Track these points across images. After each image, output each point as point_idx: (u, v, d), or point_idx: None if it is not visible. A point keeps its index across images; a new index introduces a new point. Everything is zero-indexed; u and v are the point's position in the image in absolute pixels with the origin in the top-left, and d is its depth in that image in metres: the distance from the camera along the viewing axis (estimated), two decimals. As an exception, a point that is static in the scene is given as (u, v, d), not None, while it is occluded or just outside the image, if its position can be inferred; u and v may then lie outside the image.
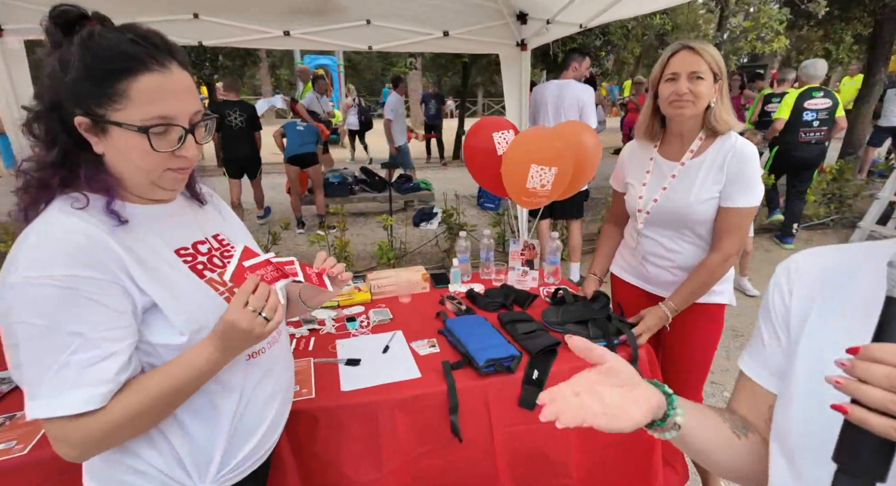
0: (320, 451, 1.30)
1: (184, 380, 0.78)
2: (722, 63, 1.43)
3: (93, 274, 0.72)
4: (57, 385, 0.70)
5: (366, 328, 1.73)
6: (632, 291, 1.73)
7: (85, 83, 0.72)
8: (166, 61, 0.75)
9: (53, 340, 0.70)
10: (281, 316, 0.81)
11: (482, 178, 2.15)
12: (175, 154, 0.78)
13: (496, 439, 1.41)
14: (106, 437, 0.75)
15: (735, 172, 1.43)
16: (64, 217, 0.74)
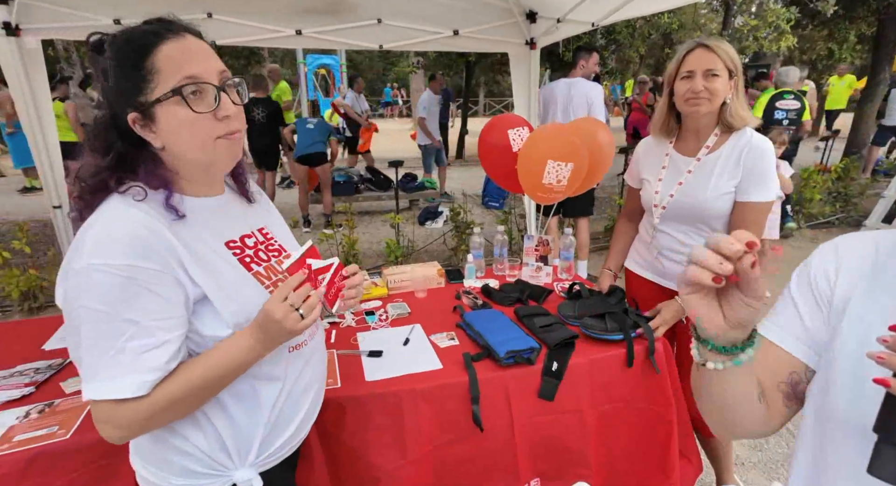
0: (347, 439, 1.33)
1: (224, 369, 0.81)
2: (737, 60, 1.45)
3: (150, 265, 0.75)
4: (112, 369, 0.74)
5: (385, 322, 1.76)
6: (647, 285, 1.76)
7: (122, 76, 0.77)
8: (180, 31, 0.80)
9: (111, 325, 0.73)
10: (316, 315, 0.83)
11: (497, 174, 2.18)
12: (217, 117, 0.80)
13: (516, 429, 1.44)
14: (149, 420, 0.78)
15: (751, 167, 1.45)
16: (126, 209, 0.78)
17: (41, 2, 2.57)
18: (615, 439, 1.55)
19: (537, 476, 1.50)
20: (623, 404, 1.54)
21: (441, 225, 5.75)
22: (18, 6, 2.52)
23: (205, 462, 0.88)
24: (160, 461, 0.88)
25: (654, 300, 1.66)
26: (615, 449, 1.55)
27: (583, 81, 3.64)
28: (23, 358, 1.48)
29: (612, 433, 1.54)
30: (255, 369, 0.88)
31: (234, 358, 0.81)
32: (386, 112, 23.52)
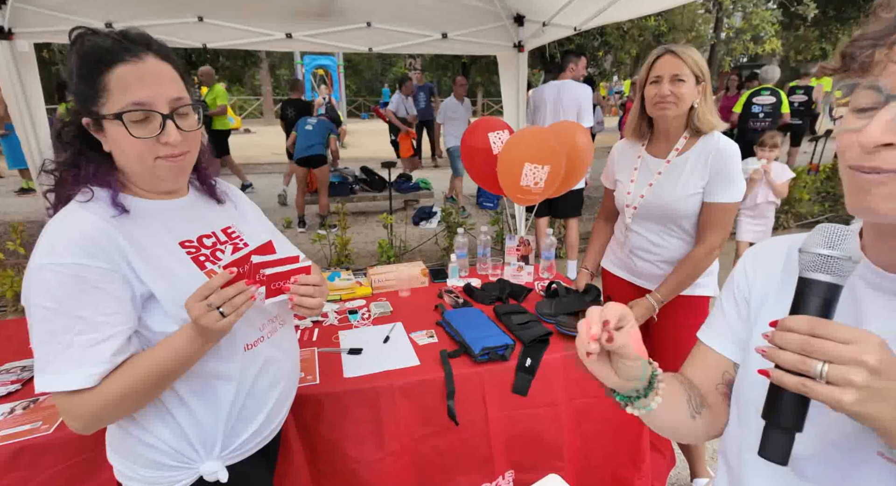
0: (325, 432, 1.37)
1: (167, 360, 0.83)
2: (704, 66, 1.50)
3: (98, 263, 0.80)
4: (60, 363, 0.78)
5: (367, 320, 1.81)
6: (621, 284, 1.81)
7: (80, 85, 0.83)
8: (141, 53, 0.82)
9: (59, 321, 0.78)
10: (240, 314, 0.82)
11: (479, 176, 2.22)
12: (160, 141, 0.83)
13: (491, 422, 1.49)
14: (101, 411, 0.81)
15: (718, 169, 1.50)
16: (77, 210, 0.83)
17: (33, 6, 2.61)
18: (588, 432, 1.59)
19: (512, 468, 1.54)
20: (595, 398, 1.59)
21: (435, 225, 5.80)
22: (11, 10, 2.57)
23: (171, 455, 0.92)
24: (130, 453, 0.92)
25: (628, 298, 1.70)
26: (588, 442, 1.60)
27: (572, 82, 3.70)
28: (10, 357, 1.53)
29: (584, 427, 1.59)
30: (210, 367, 0.92)
31: (177, 350, 0.83)
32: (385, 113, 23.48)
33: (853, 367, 0.44)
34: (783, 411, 0.51)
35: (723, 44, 7.92)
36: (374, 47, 3.38)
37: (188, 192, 1.01)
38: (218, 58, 8.28)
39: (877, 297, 0.57)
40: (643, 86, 1.56)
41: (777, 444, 0.51)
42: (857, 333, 0.46)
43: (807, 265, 0.52)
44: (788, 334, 0.49)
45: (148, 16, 2.85)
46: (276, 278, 0.93)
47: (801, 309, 0.51)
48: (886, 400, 0.44)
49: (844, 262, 0.50)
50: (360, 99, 24.11)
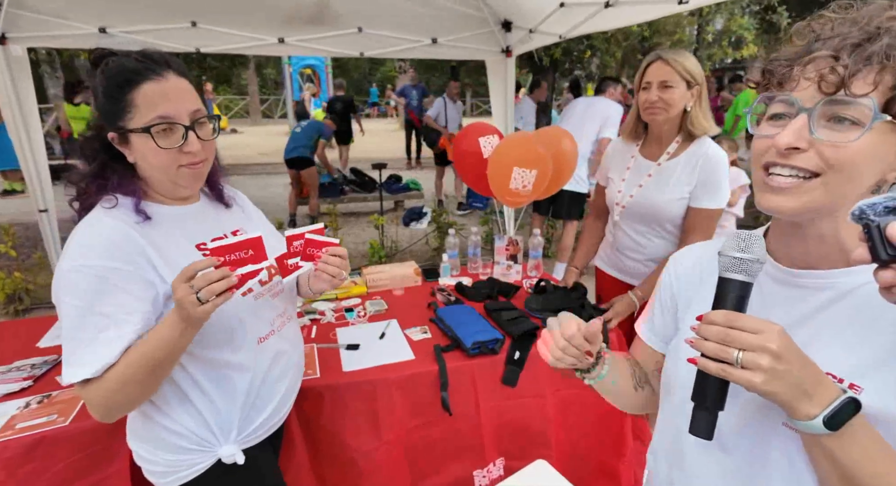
0: (326, 423, 1.45)
1: (155, 348, 0.85)
2: (696, 71, 1.54)
3: (122, 266, 0.87)
4: (84, 356, 0.85)
5: (363, 318, 1.89)
6: (612, 282, 1.90)
7: (107, 103, 0.91)
8: (163, 71, 0.90)
9: (87, 319, 0.85)
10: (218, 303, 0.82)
11: (470, 179, 2.31)
12: (182, 150, 0.91)
13: (482, 413, 1.58)
14: (108, 400, 0.87)
15: (705, 176, 1.57)
16: (103, 216, 0.91)
17: (28, 11, 2.63)
18: (574, 421, 1.69)
19: (501, 456, 1.64)
20: (581, 389, 1.68)
21: (425, 226, 5.87)
22: (5, 15, 2.59)
23: (192, 439, 0.99)
24: (153, 438, 0.99)
25: (615, 294, 1.81)
26: (574, 430, 1.70)
27: (605, 99, 3.88)
28: (18, 355, 1.58)
29: (570, 416, 1.69)
30: (228, 359, 1.00)
31: (162, 337, 0.85)
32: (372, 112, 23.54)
33: (760, 353, 0.53)
34: (708, 393, 0.60)
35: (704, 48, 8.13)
36: (365, 52, 3.46)
37: (200, 198, 1.09)
38: (206, 59, 8.24)
39: (777, 289, 0.67)
40: (637, 91, 1.63)
41: (704, 422, 0.60)
42: (762, 323, 0.55)
43: (725, 266, 0.61)
44: (711, 326, 0.57)
45: (141, 21, 2.89)
46: (312, 245, 1.04)
47: (720, 304, 0.60)
48: (785, 379, 0.53)
49: (753, 263, 0.59)
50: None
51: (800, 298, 0.65)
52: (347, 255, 1.10)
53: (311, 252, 1.07)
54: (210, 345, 0.98)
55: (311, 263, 1.08)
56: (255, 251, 0.89)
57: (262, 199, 7.16)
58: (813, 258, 0.64)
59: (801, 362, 0.54)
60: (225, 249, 0.86)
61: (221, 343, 1.00)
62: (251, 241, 0.89)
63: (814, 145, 0.57)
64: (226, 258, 0.86)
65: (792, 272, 0.66)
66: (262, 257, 0.90)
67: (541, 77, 7.09)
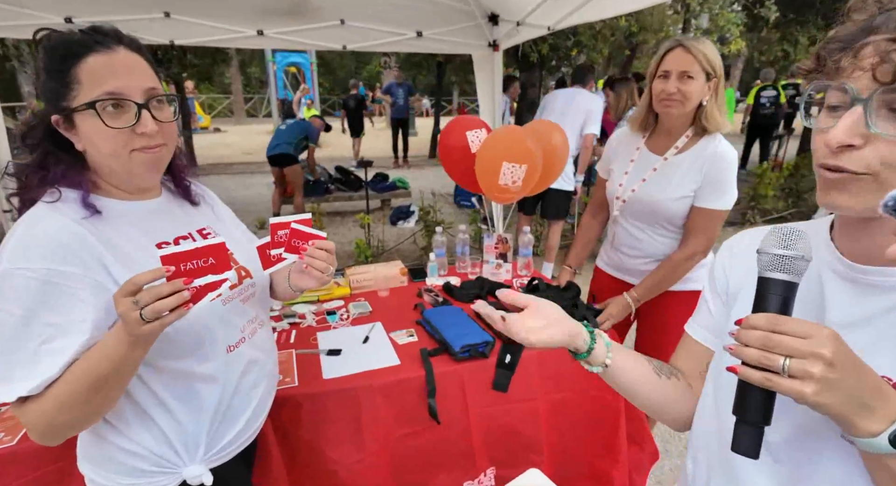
0: (304, 434, 1.36)
1: (100, 364, 0.75)
2: (717, 62, 1.44)
3: (69, 268, 0.76)
4: (24, 371, 0.75)
5: (345, 321, 1.79)
6: (609, 280, 1.82)
7: (49, 80, 0.80)
8: (112, 44, 0.80)
9: (28, 329, 0.74)
10: (164, 323, 0.71)
11: (457, 175, 2.23)
12: (135, 131, 0.81)
13: (471, 419, 1.50)
14: (47, 421, 0.77)
15: (712, 176, 1.47)
16: (48, 212, 0.80)
17: None
18: (565, 425, 1.62)
19: (493, 465, 1.56)
20: (572, 392, 1.62)
21: (413, 224, 5.78)
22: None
23: (152, 460, 0.90)
24: (107, 461, 0.89)
25: (614, 295, 1.73)
26: (566, 435, 1.63)
27: (586, 91, 3.79)
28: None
29: (562, 420, 1.61)
30: (193, 369, 0.90)
31: (108, 353, 0.74)
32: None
33: (811, 360, 0.46)
34: (751, 406, 0.53)
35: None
36: (348, 45, 3.35)
37: (161, 193, 0.99)
38: (185, 55, 8.02)
39: (841, 286, 0.60)
40: (651, 79, 1.52)
41: (748, 439, 0.53)
42: (811, 327, 0.48)
43: (765, 265, 0.54)
44: (752, 331, 0.51)
45: (111, 11, 2.74)
46: (298, 236, 0.96)
47: (761, 306, 0.54)
48: (840, 390, 0.46)
49: (798, 261, 0.52)
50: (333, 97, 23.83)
51: (863, 297, 0.58)
52: (335, 250, 1.01)
53: (297, 244, 0.98)
54: (173, 355, 0.88)
55: (296, 255, 0.98)
56: (216, 260, 0.77)
57: (246, 198, 7.01)
58: (882, 254, 0.57)
59: (858, 371, 0.47)
60: (179, 256, 0.74)
61: (186, 353, 0.90)
62: (212, 247, 0.77)
63: (871, 141, 0.49)
64: (180, 268, 0.74)
65: (859, 268, 0.58)
66: (224, 266, 0.78)
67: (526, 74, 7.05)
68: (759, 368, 0.49)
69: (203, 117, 16.39)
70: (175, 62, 7.86)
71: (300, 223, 0.98)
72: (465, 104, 19.41)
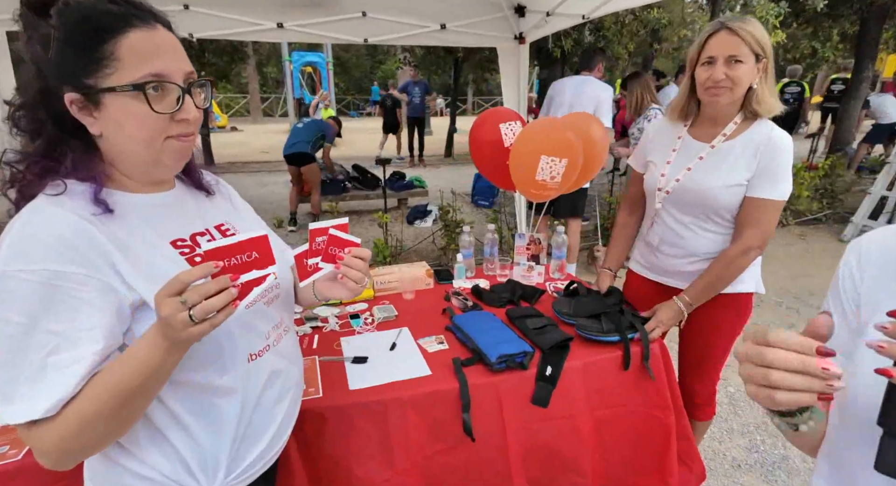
0: (329, 451, 1.25)
1: (131, 376, 0.67)
2: (766, 41, 1.33)
3: (74, 269, 0.66)
4: (31, 388, 0.64)
5: (370, 326, 1.68)
6: (645, 285, 1.69)
7: (70, 53, 0.68)
8: (151, 20, 0.72)
9: (32, 339, 0.64)
10: (214, 323, 0.65)
11: (488, 170, 2.10)
12: (175, 118, 0.74)
13: (509, 437, 1.38)
14: (63, 445, 0.67)
15: (767, 162, 1.36)
16: (49, 207, 0.69)
17: (5, -9, 2.44)
18: (610, 444, 1.49)
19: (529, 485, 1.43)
20: (619, 408, 1.48)
21: (430, 224, 5.68)
22: (-20, -5, 2.39)
23: (167, 485, 0.79)
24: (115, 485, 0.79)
25: (652, 301, 1.59)
26: (611, 455, 1.49)
27: (595, 80, 3.58)
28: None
29: (607, 439, 1.48)
30: (211, 381, 0.80)
31: (140, 362, 0.66)
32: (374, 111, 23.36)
33: None
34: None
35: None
36: (369, 38, 3.25)
37: (175, 184, 0.88)
38: (204, 53, 8.03)
39: None
40: (693, 66, 1.40)
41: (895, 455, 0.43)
42: None
43: None
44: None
45: None
46: (335, 243, 0.89)
47: None
48: None
49: None
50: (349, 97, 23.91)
51: None
52: (370, 257, 0.92)
53: (334, 252, 0.90)
54: (191, 366, 0.77)
55: (332, 264, 0.90)
56: (260, 254, 0.71)
57: (262, 196, 6.99)
58: None
59: None
60: (223, 251, 0.67)
61: (206, 364, 0.80)
62: (255, 241, 0.70)
63: None
64: (225, 263, 0.67)
65: None
66: (269, 261, 0.72)
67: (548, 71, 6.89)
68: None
69: (221, 116, 16.53)
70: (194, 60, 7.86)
71: (338, 229, 0.90)
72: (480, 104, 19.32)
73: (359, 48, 23.23)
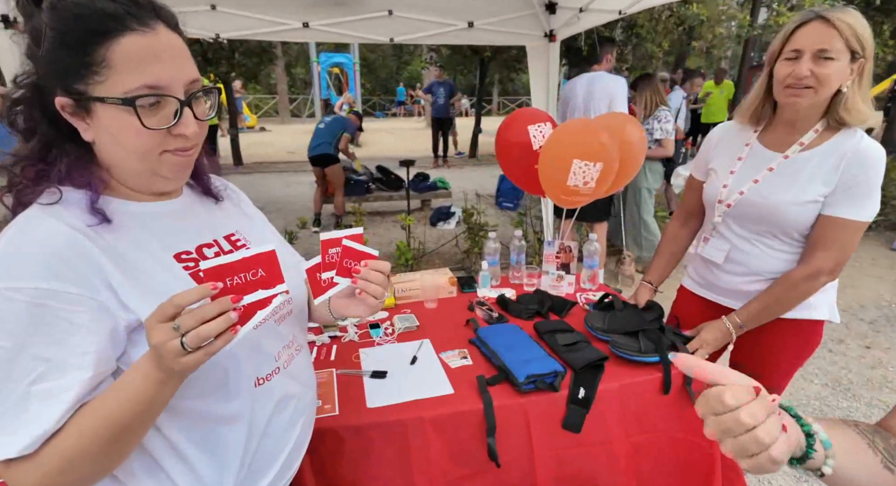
0: (346, 473, 1.18)
1: (122, 409, 0.61)
2: (867, 37, 1.14)
3: (65, 287, 0.60)
4: (11, 420, 0.58)
5: (391, 337, 1.61)
6: (696, 302, 1.54)
7: (60, 53, 0.62)
8: (150, 21, 0.64)
9: (15, 365, 0.58)
10: (209, 352, 0.58)
11: (515, 174, 2.00)
12: (171, 132, 0.67)
13: (537, 463, 1.28)
14: (48, 484, 0.61)
15: (851, 178, 1.18)
16: (43, 217, 0.64)
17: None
18: (648, 474, 1.37)
19: (560, 517, 1.32)
20: (658, 434, 1.36)
21: (453, 226, 5.60)
22: (15, -2, 2.43)
23: None
24: None
25: (701, 320, 1.46)
26: (647, 484, 1.37)
27: (605, 74, 3.43)
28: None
29: (645, 468, 1.36)
30: (213, 409, 0.73)
31: (131, 394, 0.61)
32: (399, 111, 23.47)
33: None
34: None
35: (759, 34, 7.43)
36: (395, 37, 3.20)
37: (182, 192, 0.82)
38: (234, 55, 8.16)
39: None
40: (773, 61, 1.24)
41: None
42: None
43: None
44: None
45: (158, 3, 2.70)
46: (350, 256, 0.81)
47: None
48: None
49: None
50: (375, 98, 24.08)
51: None
52: (389, 270, 0.85)
53: (349, 265, 0.82)
54: (191, 394, 0.70)
55: (349, 279, 0.82)
56: (266, 272, 0.64)
57: (288, 197, 7.05)
58: None
59: None
60: (224, 269, 0.60)
61: (208, 391, 0.73)
62: (261, 257, 0.63)
63: None
64: (226, 283, 0.60)
65: None
66: (277, 279, 0.65)
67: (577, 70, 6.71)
68: None
69: (250, 117, 16.87)
70: (224, 62, 8.00)
71: (352, 239, 0.81)
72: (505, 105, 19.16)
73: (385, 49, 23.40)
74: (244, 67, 8.85)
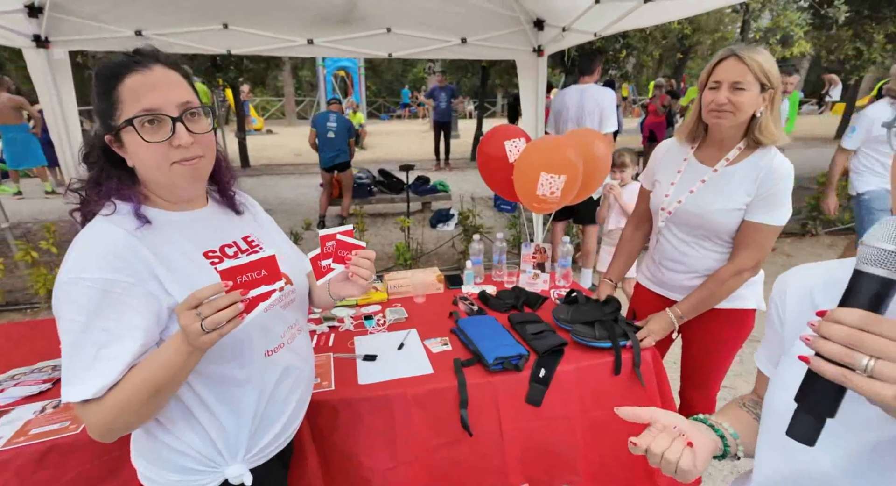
0: (339, 439, 1.39)
1: (157, 372, 0.81)
2: (773, 72, 1.37)
3: (123, 278, 0.82)
4: (84, 374, 0.80)
5: (382, 326, 1.82)
6: (649, 296, 1.76)
7: (100, 102, 0.87)
8: (149, 63, 0.86)
9: (88, 335, 0.80)
10: (223, 332, 0.78)
11: (495, 184, 2.22)
12: (172, 144, 0.86)
13: (505, 434, 1.49)
14: (106, 423, 0.82)
15: (767, 189, 1.41)
16: (102, 225, 0.87)
17: (69, 15, 2.72)
18: (603, 445, 1.57)
19: (526, 481, 1.53)
20: (611, 410, 1.56)
21: (452, 228, 5.80)
22: (48, 19, 2.67)
23: (197, 459, 0.95)
24: (158, 458, 0.95)
25: (653, 311, 1.67)
26: (604, 455, 1.58)
27: (595, 86, 3.63)
28: (44, 355, 1.59)
29: (600, 440, 1.57)
30: (232, 374, 0.95)
31: (164, 361, 0.81)
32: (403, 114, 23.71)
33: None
34: (818, 396, 0.52)
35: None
36: (393, 53, 3.42)
37: (208, 203, 1.04)
38: (242, 61, 8.43)
39: None
40: (702, 89, 1.47)
41: (806, 426, 0.53)
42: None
43: (865, 258, 0.51)
44: (836, 325, 0.49)
45: (176, 23, 2.94)
46: (343, 247, 1.03)
47: (851, 301, 0.51)
48: None
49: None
50: (379, 100, 24.33)
51: None
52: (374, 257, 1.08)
53: (342, 254, 1.05)
54: (216, 360, 0.93)
55: (343, 265, 1.05)
56: (268, 271, 0.83)
57: (294, 198, 7.27)
58: None
59: None
60: (235, 270, 0.80)
61: (228, 358, 0.95)
62: (264, 260, 0.82)
63: None
64: (237, 280, 0.80)
65: None
66: (275, 277, 0.84)
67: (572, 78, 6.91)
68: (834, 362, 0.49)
69: (257, 120, 17.17)
70: (232, 68, 8.28)
71: (344, 235, 1.04)
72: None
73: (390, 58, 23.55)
74: (252, 72, 9.12)
